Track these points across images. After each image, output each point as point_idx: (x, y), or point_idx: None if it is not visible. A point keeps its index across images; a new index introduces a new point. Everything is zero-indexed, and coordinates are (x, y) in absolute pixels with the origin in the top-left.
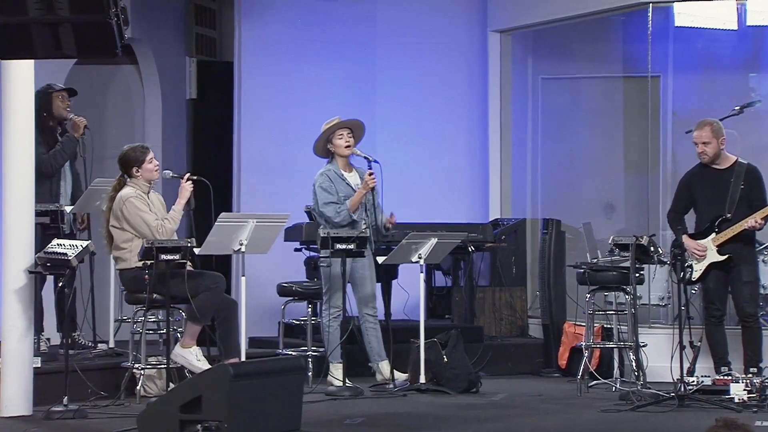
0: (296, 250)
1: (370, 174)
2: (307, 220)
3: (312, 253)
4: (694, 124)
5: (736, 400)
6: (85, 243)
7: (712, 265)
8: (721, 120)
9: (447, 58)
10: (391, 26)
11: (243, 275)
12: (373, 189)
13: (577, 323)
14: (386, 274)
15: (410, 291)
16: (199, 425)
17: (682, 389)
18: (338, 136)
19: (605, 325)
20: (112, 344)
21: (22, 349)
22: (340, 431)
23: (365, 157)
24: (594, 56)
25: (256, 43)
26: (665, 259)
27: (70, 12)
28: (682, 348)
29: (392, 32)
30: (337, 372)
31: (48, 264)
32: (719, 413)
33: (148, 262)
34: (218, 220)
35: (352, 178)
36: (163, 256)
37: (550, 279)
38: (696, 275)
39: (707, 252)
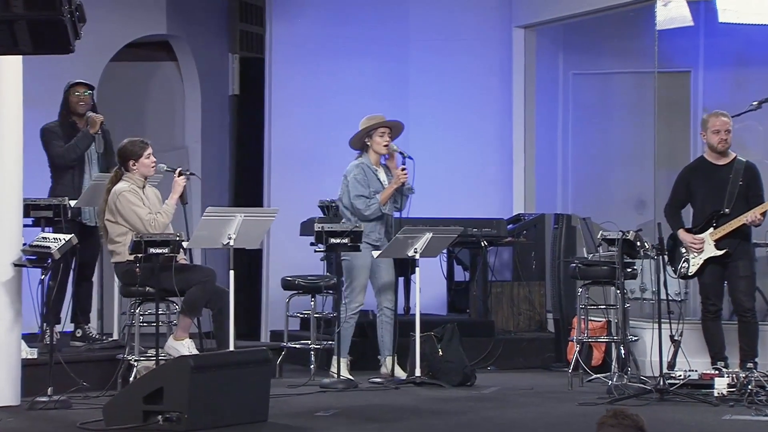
0: (312, 244)
1: (403, 170)
2: (321, 215)
3: None
4: None
5: (716, 395)
6: (68, 236)
7: (709, 260)
8: (738, 115)
9: (477, 55)
10: (422, 23)
11: (231, 269)
12: (403, 185)
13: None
14: (403, 269)
15: (426, 286)
16: (160, 416)
17: (662, 383)
18: (380, 133)
19: (610, 320)
20: (116, 336)
21: (9, 340)
22: (308, 423)
23: (400, 153)
24: (626, 51)
25: (288, 39)
26: (651, 254)
27: (24, 9)
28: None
29: (424, 29)
30: (340, 366)
31: (32, 257)
32: (696, 407)
33: (138, 256)
34: (204, 214)
35: (381, 174)
36: (152, 250)
37: (560, 274)
38: (693, 270)
39: (705, 247)
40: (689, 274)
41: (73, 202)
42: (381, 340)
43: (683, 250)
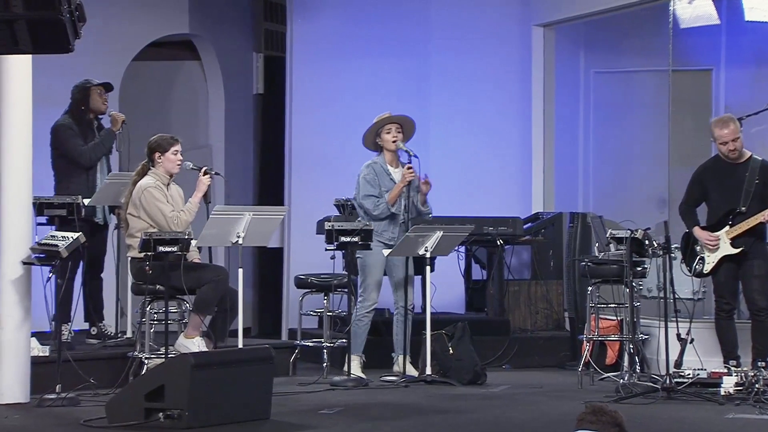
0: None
1: (409, 168)
2: (337, 213)
3: None
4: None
5: (722, 393)
6: (75, 234)
7: (724, 259)
8: (754, 114)
9: (496, 53)
10: (442, 21)
11: (240, 267)
12: (410, 183)
13: (600, 317)
14: (421, 267)
15: (445, 285)
16: (161, 413)
17: (668, 382)
18: (386, 130)
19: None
20: (129, 334)
21: (18, 338)
22: (311, 421)
23: (406, 151)
24: (647, 49)
25: (308, 38)
26: (659, 252)
27: (24, 9)
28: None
29: (444, 27)
30: (352, 364)
31: (41, 255)
32: (702, 406)
33: (148, 254)
34: (212, 213)
35: (397, 173)
36: (161, 248)
37: (575, 273)
38: (708, 268)
39: (720, 245)
40: (704, 272)
41: (86, 201)
42: (396, 338)
43: (698, 248)
